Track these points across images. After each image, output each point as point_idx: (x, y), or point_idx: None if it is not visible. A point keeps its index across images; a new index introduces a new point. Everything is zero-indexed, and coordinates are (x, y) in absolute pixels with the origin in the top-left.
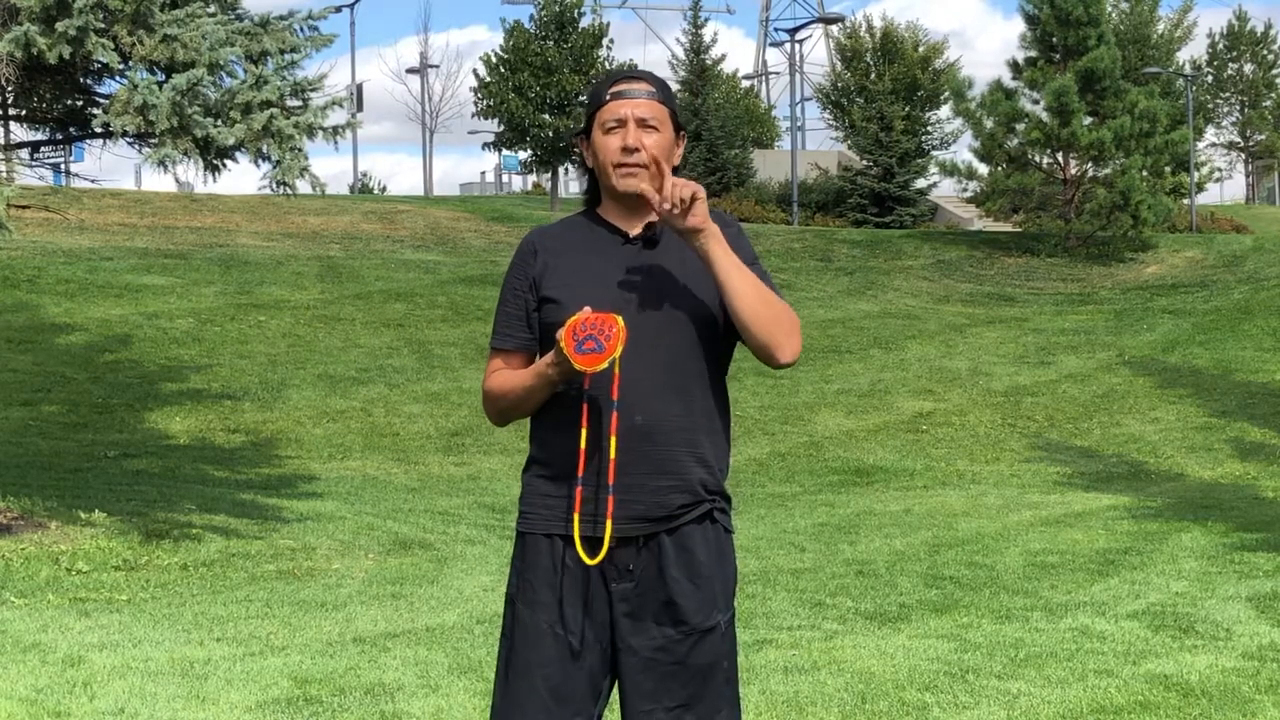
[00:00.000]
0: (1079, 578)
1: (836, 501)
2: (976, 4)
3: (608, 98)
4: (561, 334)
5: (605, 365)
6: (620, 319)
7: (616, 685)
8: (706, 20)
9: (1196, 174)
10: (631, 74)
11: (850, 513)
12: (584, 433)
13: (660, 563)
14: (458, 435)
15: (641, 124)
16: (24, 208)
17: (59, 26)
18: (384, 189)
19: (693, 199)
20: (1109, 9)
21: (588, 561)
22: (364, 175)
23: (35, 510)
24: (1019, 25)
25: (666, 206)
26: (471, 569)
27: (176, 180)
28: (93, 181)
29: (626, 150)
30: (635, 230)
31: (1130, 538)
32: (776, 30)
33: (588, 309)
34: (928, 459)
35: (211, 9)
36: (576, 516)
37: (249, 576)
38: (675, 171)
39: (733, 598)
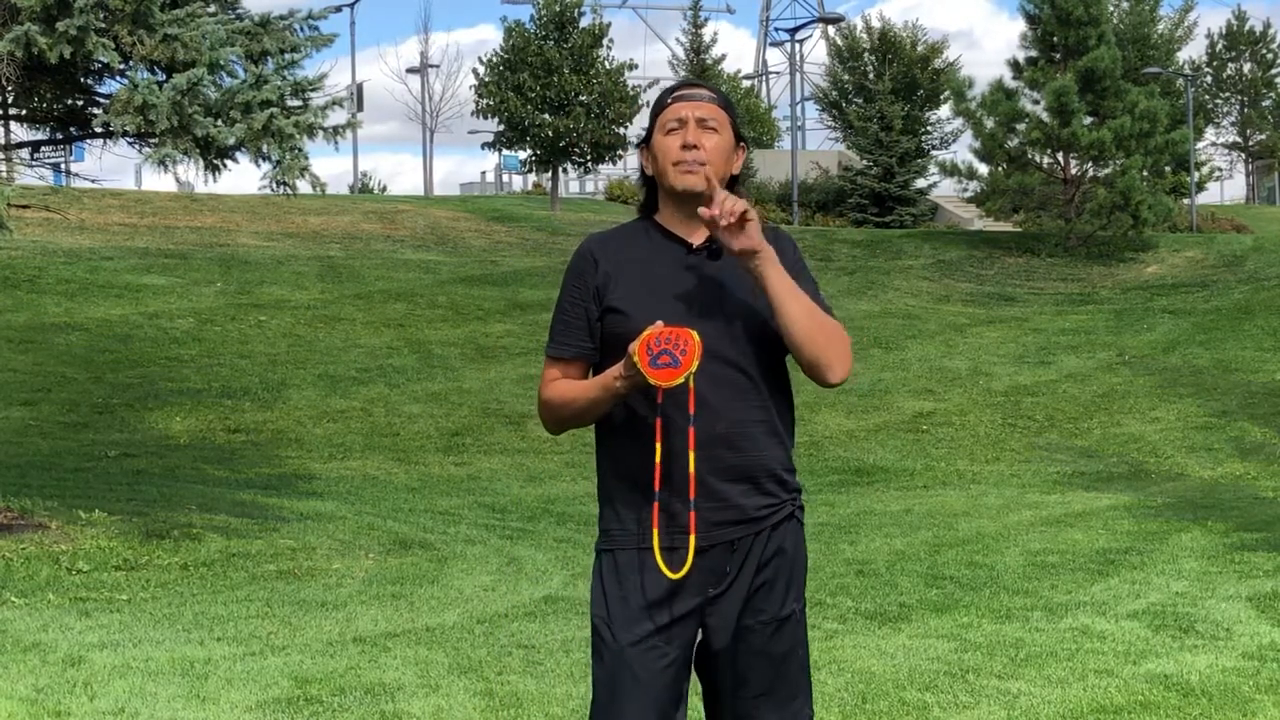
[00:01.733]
0: (1079, 578)
1: (836, 501)
2: (984, 3)
3: (669, 101)
4: (635, 348)
5: (681, 380)
6: (696, 334)
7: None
8: (706, 20)
9: (1197, 174)
10: (693, 82)
11: (850, 512)
12: (659, 447)
13: (751, 563)
14: (458, 435)
15: (701, 124)
16: (24, 208)
17: (59, 26)
18: (384, 189)
19: (744, 218)
20: (1109, 9)
21: (671, 576)
22: (364, 175)
23: (35, 510)
24: (1022, 25)
25: (715, 213)
26: (471, 569)
27: (177, 180)
28: (93, 181)
29: (686, 147)
30: (697, 240)
31: (1130, 538)
32: (776, 30)
33: (661, 323)
34: (928, 459)
35: (211, 9)
36: (655, 532)
37: (249, 576)
38: (734, 180)
39: (804, 587)
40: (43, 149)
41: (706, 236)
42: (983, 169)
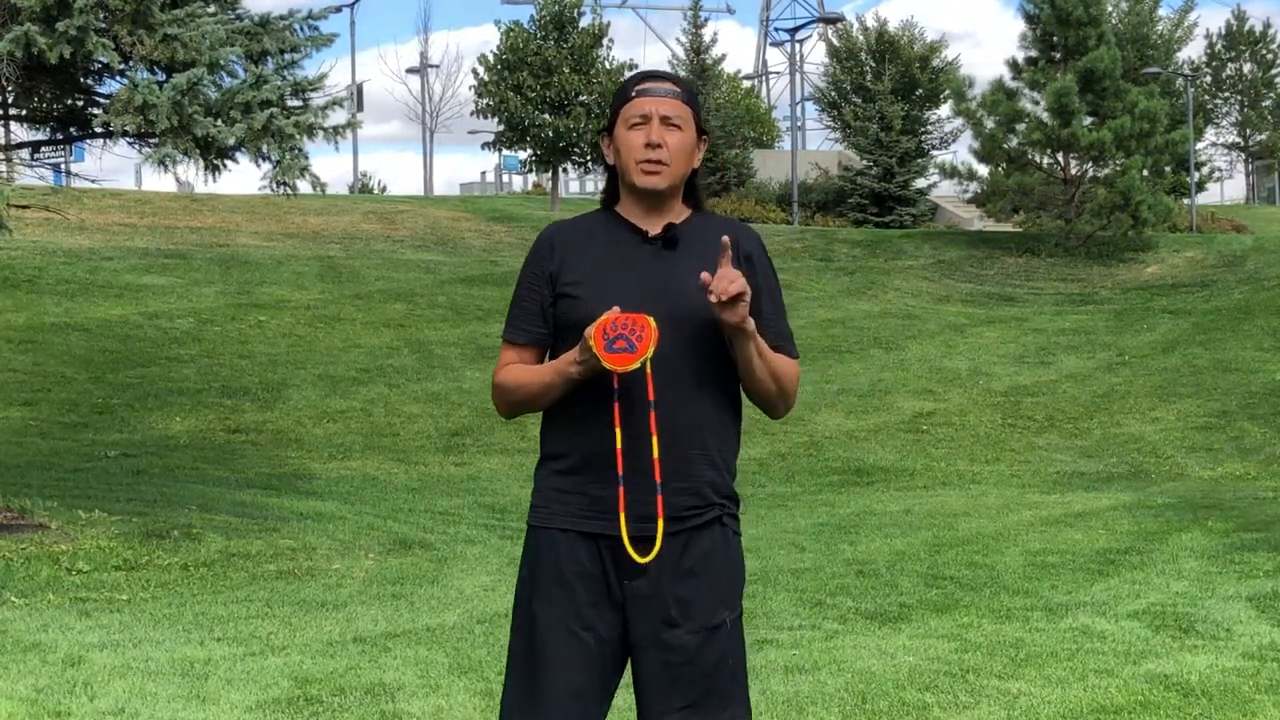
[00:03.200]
0: (1079, 578)
1: (836, 501)
2: (991, 2)
3: (633, 94)
4: (591, 333)
5: (636, 365)
6: (652, 320)
7: (629, 685)
8: (707, 20)
9: (1197, 174)
10: (658, 73)
11: (850, 513)
12: (619, 432)
13: (671, 561)
14: (458, 435)
15: (665, 121)
16: (24, 208)
17: (59, 26)
18: (384, 189)
19: (737, 297)
20: (1109, 9)
21: (640, 560)
22: (364, 175)
23: (35, 510)
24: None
25: (712, 299)
26: (471, 569)
27: (177, 180)
28: (93, 181)
29: (649, 146)
30: (654, 230)
31: (1130, 538)
32: (776, 30)
33: (616, 309)
34: (928, 459)
35: (211, 9)
36: (623, 516)
37: (249, 576)
38: (694, 175)
39: (740, 597)
40: (43, 149)
41: (664, 226)
42: (983, 169)
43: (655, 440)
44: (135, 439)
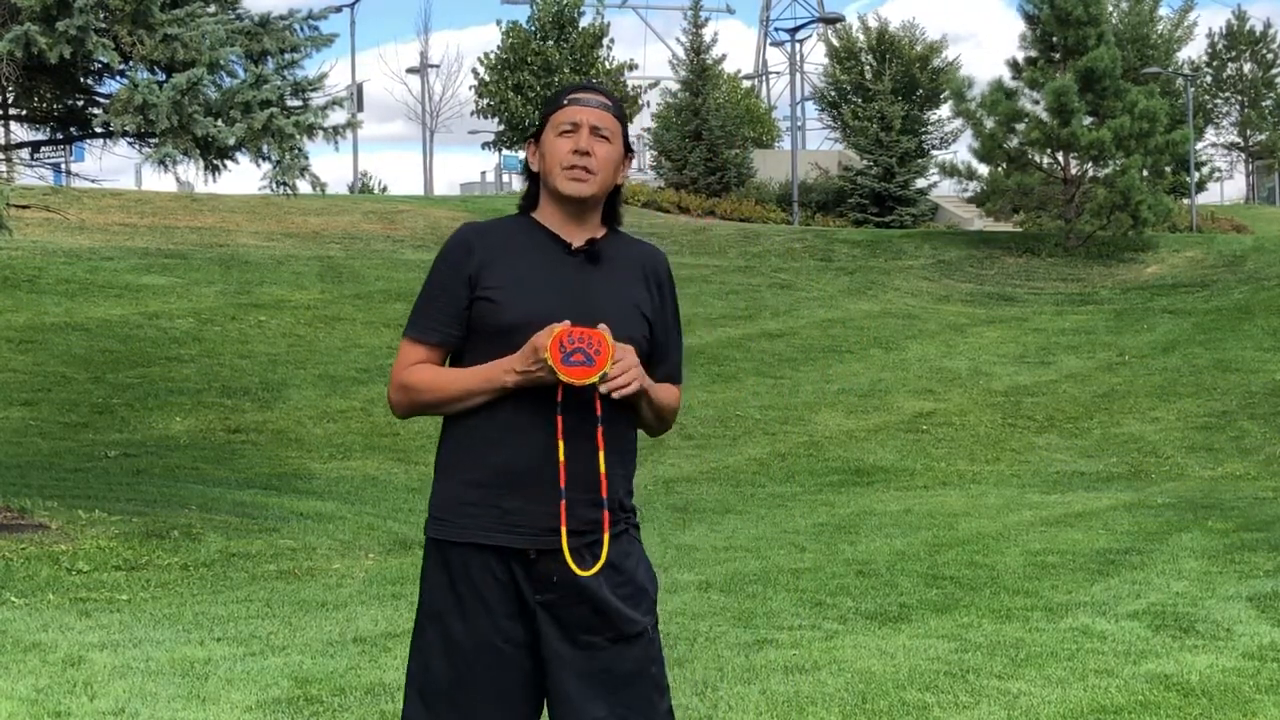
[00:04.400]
0: (1079, 578)
1: (836, 501)
2: (995, 4)
3: (565, 102)
4: (545, 345)
5: (595, 379)
6: (608, 335)
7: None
8: (707, 20)
9: (1196, 174)
10: (591, 85)
11: (850, 513)
12: (562, 444)
13: (580, 576)
14: None
15: (594, 131)
16: (24, 208)
17: (59, 26)
18: (384, 189)
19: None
20: (1109, 9)
21: (581, 574)
22: (364, 175)
23: (35, 510)
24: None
25: (605, 389)
26: None
27: (177, 180)
28: (93, 181)
29: (578, 153)
30: (575, 241)
31: (1130, 538)
32: (776, 30)
33: (567, 322)
34: (928, 459)
35: (211, 9)
36: (564, 530)
37: (249, 576)
38: (616, 190)
39: (655, 604)
40: (43, 149)
41: (586, 239)
42: (983, 169)
43: (601, 455)
44: (135, 439)
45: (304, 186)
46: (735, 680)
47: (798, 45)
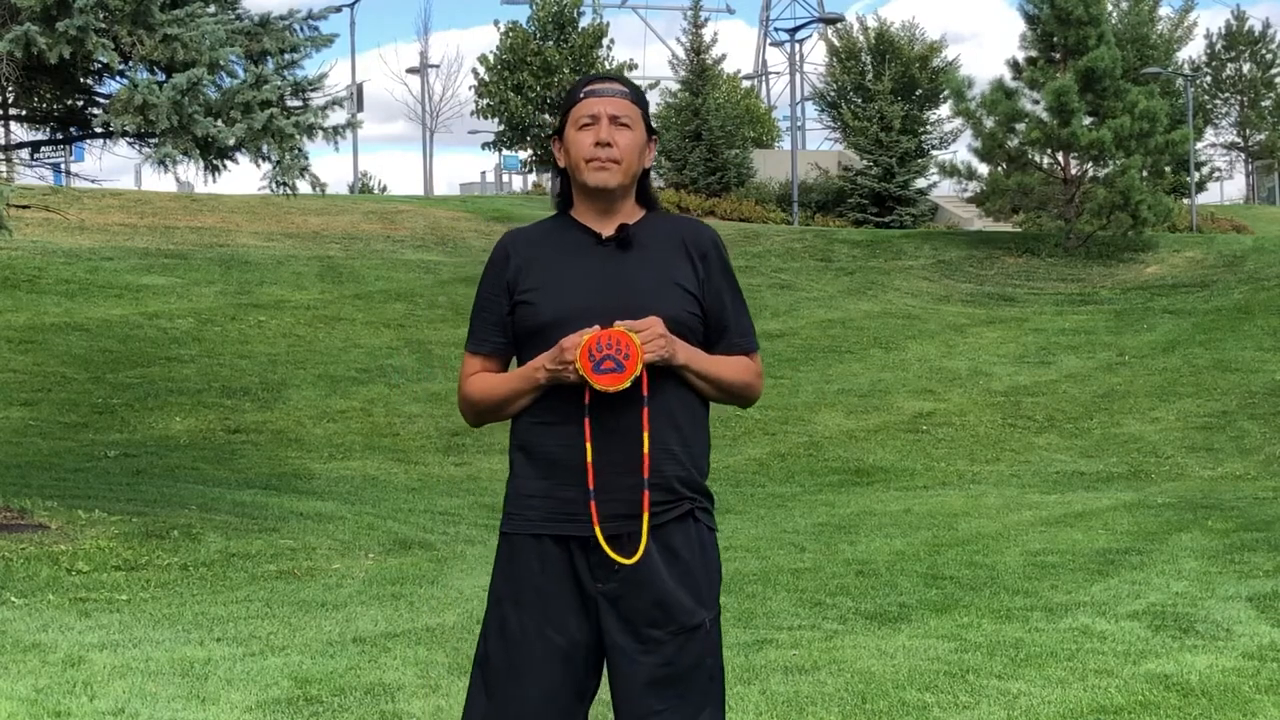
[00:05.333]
0: (1079, 578)
1: (836, 501)
2: (999, 5)
3: (581, 95)
4: (576, 355)
5: (627, 385)
6: (635, 336)
7: (606, 687)
8: (707, 20)
9: (1196, 174)
10: (605, 75)
11: (850, 513)
12: (589, 447)
13: (644, 561)
14: (458, 435)
15: (614, 120)
16: (24, 208)
17: (59, 26)
18: (384, 189)
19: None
20: (1109, 9)
21: (623, 561)
22: (364, 175)
23: (35, 510)
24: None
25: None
26: (471, 569)
27: (177, 180)
28: (93, 181)
29: (599, 145)
30: (608, 231)
31: (1130, 538)
32: (776, 30)
33: (597, 327)
34: (928, 459)
35: (211, 9)
36: (597, 528)
37: (249, 576)
38: (645, 175)
39: (717, 598)
40: (43, 149)
41: (617, 227)
42: (983, 169)
43: (646, 435)
44: (135, 439)
45: (304, 186)
46: (735, 680)
47: (798, 45)
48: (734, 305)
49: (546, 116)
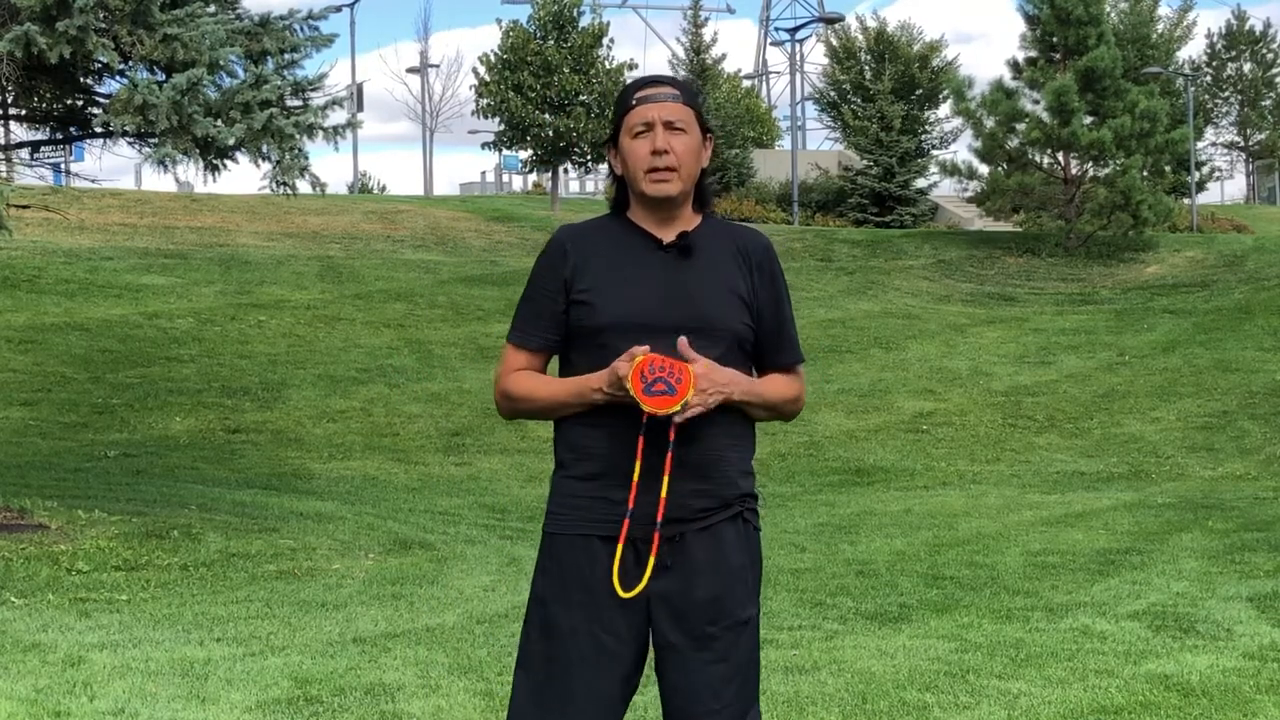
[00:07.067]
0: (1079, 578)
1: (836, 501)
2: (1003, 5)
3: (634, 103)
4: (628, 375)
5: (678, 409)
6: (691, 367)
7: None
8: (707, 20)
9: (1197, 174)
10: (656, 78)
11: (850, 513)
12: (638, 465)
13: (693, 559)
14: (458, 435)
15: (669, 126)
16: (24, 208)
17: (59, 26)
18: (384, 189)
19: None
20: (1109, 9)
21: (624, 596)
22: (364, 175)
23: (35, 510)
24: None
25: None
26: (471, 569)
27: (176, 180)
28: (93, 181)
29: (656, 154)
30: (668, 237)
31: (1130, 538)
32: (776, 30)
33: (647, 347)
34: (928, 459)
35: (211, 9)
36: (619, 554)
37: (249, 576)
38: (703, 174)
39: (758, 593)
40: (43, 149)
41: (678, 233)
42: (983, 169)
43: (665, 479)
44: (135, 439)
45: (304, 186)
46: None
47: (798, 45)
48: (785, 316)
49: (546, 116)
